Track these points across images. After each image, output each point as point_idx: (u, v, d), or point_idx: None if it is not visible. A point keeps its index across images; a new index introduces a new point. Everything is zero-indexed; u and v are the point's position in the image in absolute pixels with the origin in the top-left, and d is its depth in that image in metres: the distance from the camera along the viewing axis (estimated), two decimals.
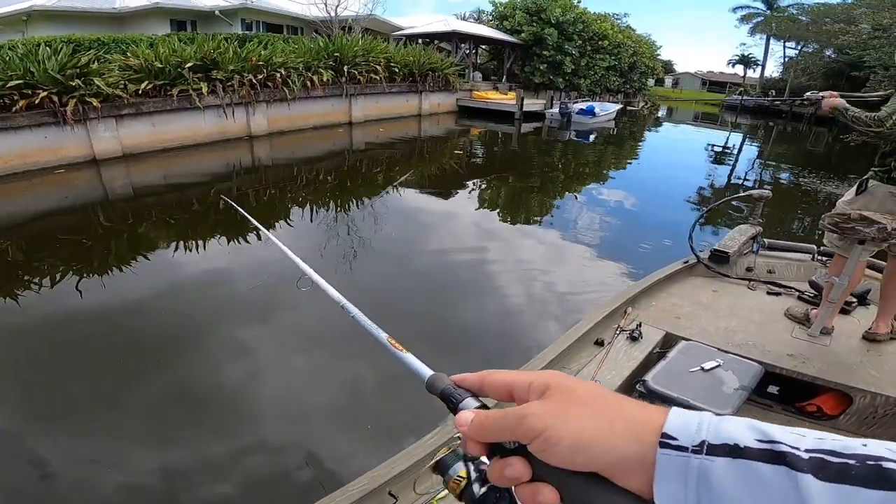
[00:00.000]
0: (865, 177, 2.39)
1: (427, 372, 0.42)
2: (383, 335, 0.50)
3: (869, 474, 0.23)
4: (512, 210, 7.43)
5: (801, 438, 0.26)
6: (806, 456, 0.25)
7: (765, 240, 3.32)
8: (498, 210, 7.37)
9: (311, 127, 11.45)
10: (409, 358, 0.45)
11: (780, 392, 2.20)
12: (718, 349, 2.09)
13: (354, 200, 7.35)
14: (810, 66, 31.06)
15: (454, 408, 0.38)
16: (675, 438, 0.28)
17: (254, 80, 9.60)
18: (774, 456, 0.25)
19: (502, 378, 0.37)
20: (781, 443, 0.26)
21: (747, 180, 12.45)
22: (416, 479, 1.35)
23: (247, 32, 15.23)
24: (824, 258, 3.15)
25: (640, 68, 30.00)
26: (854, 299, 2.67)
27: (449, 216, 6.86)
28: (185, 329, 3.56)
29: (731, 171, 13.56)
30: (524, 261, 5.27)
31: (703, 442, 0.27)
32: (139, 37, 10.90)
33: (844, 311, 2.60)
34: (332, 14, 16.84)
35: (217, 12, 16.22)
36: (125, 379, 2.92)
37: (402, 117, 14.38)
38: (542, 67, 21.75)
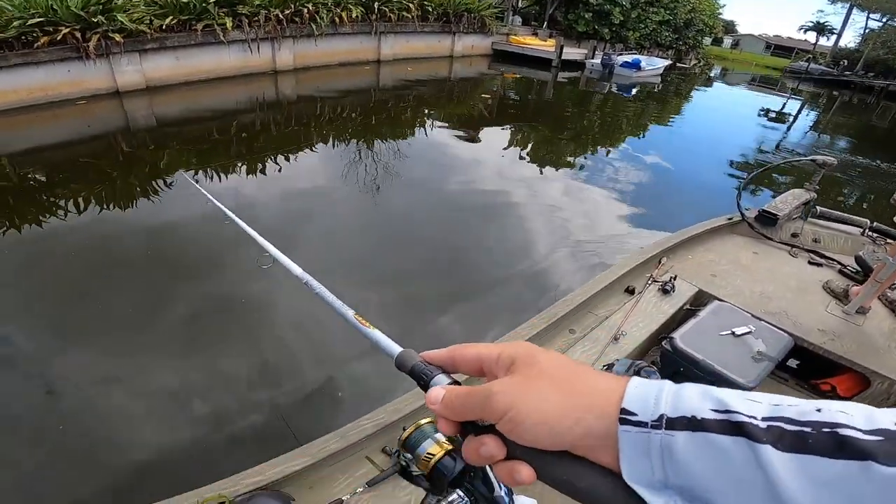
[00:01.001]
0: None
1: (396, 348, 0.41)
2: (350, 312, 0.48)
3: (827, 442, 0.24)
4: (541, 158, 7.17)
5: (755, 405, 0.26)
6: (763, 425, 0.25)
7: (818, 208, 3.14)
8: (527, 157, 7.13)
9: (338, 63, 11.14)
10: (377, 334, 0.44)
11: (799, 366, 2.13)
12: (751, 314, 2.01)
13: (377, 137, 7.26)
14: (893, 39, 28.04)
15: (425, 385, 0.37)
16: (634, 414, 0.27)
17: (280, 16, 9.30)
18: (732, 427, 0.25)
19: (472, 352, 0.36)
20: (737, 412, 0.25)
21: (800, 147, 11.57)
22: (393, 436, 1.33)
23: None
24: (875, 235, 3.00)
25: (696, 25, 27.51)
26: None
27: (475, 160, 6.73)
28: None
29: (783, 137, 12.62)
30: (556, 209, 5.15)
31: (661, 416, 0.27)
32: None
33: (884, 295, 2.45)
34: None
35: None
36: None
37: (432, 58, 13.80)
38: (587, 16, 20.21)
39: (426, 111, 9.35)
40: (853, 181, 8.00)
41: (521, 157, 7.08)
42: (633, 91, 14.38)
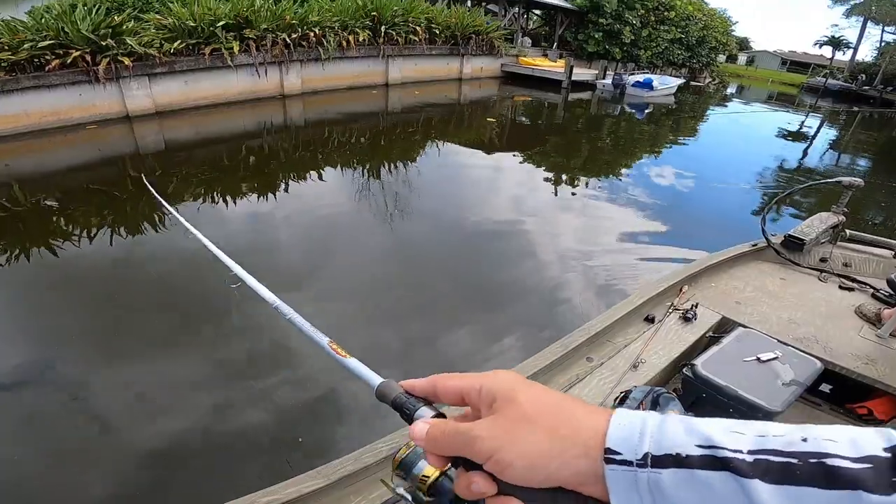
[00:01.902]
0: None
1: (376, 379, 0.39)
2: (324, 339, 0.46)
3: (815, 472, 0.23)
4: (554, 184, 6.90)
5: (740, 437, 0.26)
6: (750, 458, 0.25)
7: (847, 231, 3.06)
8: (539, 183, 6.90)
9: (346, 87, 11.14)
10: (354, 364, 0.42)
11: (833, 391, 2.08)
12: (778, 340, 1.94)
13: (385, 163, 7.13)
14: None
15: (409, 418, 0.36)
16: (618, 453, 0.27)
17: (287, 40, 9.35)
18: (717, 462, 0.25)
19: (454, 384, 0.35)
20: (722, 447, 0.25)
21: (821, 166, 11.14)
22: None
23: None
24: None
25: (709, 43, 27.27)
26: None
27: (489, 180, 6.63)
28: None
29: (803, 156, 12.21)
30: (570, 235, 5.05)
31: (646, 455, 0.26)
32: None
33: None
34: None
35: None
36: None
37: (441, 80, 13.77)
38: (596, 36, 20.18)
39: (435, 135, 9.21)
40: (881, 202, 7.53)
41: (533, 183, 6.84)
42: (647, 111, 14.11)
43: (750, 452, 0.25)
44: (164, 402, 2.36)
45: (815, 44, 44.46)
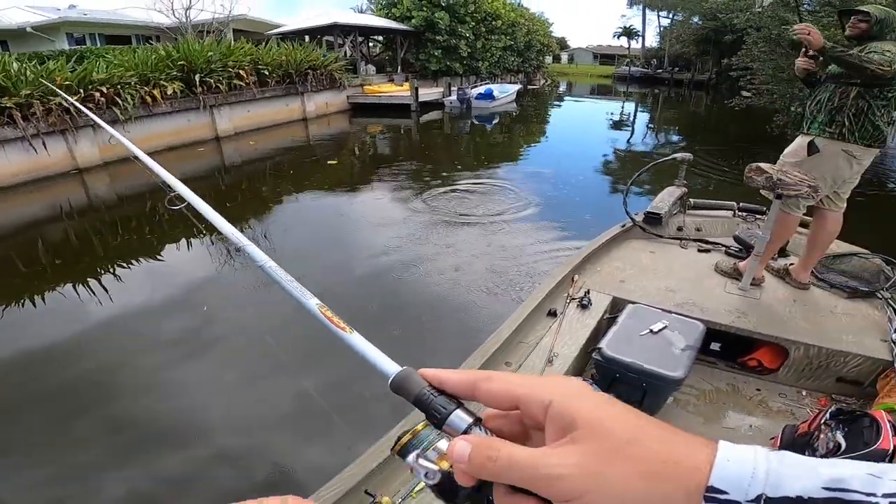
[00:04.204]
0: (810, 138, 2.35)
1: (391, 367, 0.33)
2: (311, 300, 0.39)
3: None
4: (422, 205, 6.56)
5: (877, 481, 0.22)
6: (884, 502, 0.22)
7: (691, 200, 3.42)
8: (407, 207, 6.52)
9: (165, 147, 9.60)
10: (359, 342, 0.36)
11: (722, 348, 2.27)
12: (663, 310, 2.15)
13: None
14: (682, 34, 32.71)
15: (438, 422, 0.30)
16: (723, 492, 0.23)
17: (64, 104, 7.67)
18: None
19: (505, 388, 0.29)
20: (853, 490, 0.22)
21: (646, 144, 12.65)
22: (390, 473, 1.32)
23: (77, 48, 12.73)
24: (744, 213, 3.32)
25: (535, 46, 30.11)
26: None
27: (355, 222, 6.25)
28: None
29: (630, 138, 13.87)
30: (470, 250, 5.05)
31: (759, 496, 0.23)
32: None
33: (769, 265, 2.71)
34: (183, 19, 14.62)
35: (29, 29, 13.44)
36: None
37: (283, 123, 12.74)
38: (436, 53, 20.86)
39: (289, 183, 8.27)
40: (700, 169, 8.56)
41: (403, 210, 6.41)
42: (494, 122, 14.73)
43: (885, 496, 0.22)
44: None
45: (614, 35, 50.91)
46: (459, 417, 0.29)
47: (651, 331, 1.96)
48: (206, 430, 2.72)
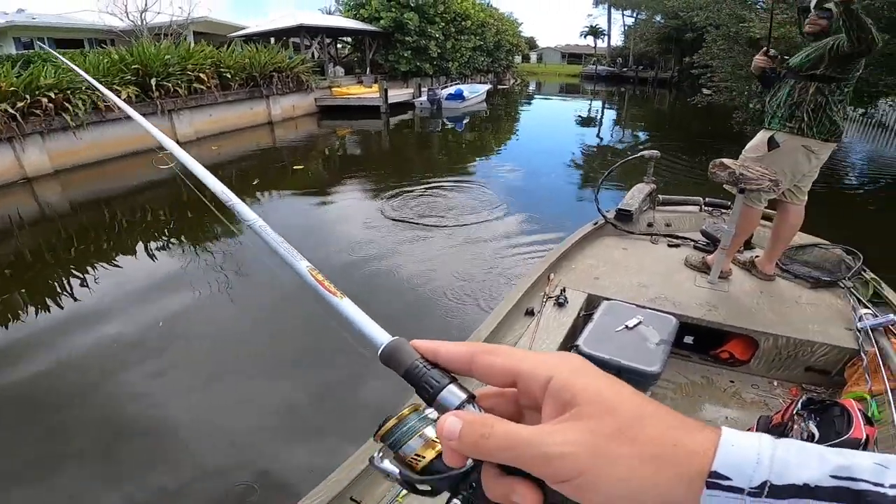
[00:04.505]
0: (770, 133, 2.37)
1: (382, 336, 0.32)
2: (301, 263, 0.38)
3: None
4: (395, 207, 6.43)
5: (884, 471, 0.22)
6: (892, 493, 0.21)
7: (659, 196, 3.49)
8: (379, 208, 6.39)
9: (121, 155, 9.16)
10: (349, 307, 0.34)
11: (696, 341, 2.28)
12: (637, 305, 2.17)
13: (203, 233, 5.91)
14: (646, 33, 33.59)
15: (429, 397, 0.28)
16: (727, 478, 0.22)
17: (11, 110, 7.21)
18: (852, 495, 0.21)
19: (503, 362, 0.28)
20: (861, 479, 0.22)
21: (613, 141, 12.88)
22: (375, 478, 1.30)
23: (25, 52, 12.02)
24: (710, 208, 3.40)
25: (505, 46, 30.34)
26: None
27: (329, 229, 6.05)
28: None
29: (598, 136, 14.11)
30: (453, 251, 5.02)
31: (764, 483, 0.22)
32: None
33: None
34: (139, 22, 14.02)
35: None
36: None
37: (248, 128, 12.35)
38: (406, 54, 20.71)
39: (253, 188, 7.97)
40: (669, 166, 8.75)
41: (368, 213, 6.28)
42: (465, 122, 14.71)
43: (893, 486, 0.21)
44: None
45: (581, 34, 51.58)
46: (452, 393, 0.28)
47: (626, 326, 1.98)
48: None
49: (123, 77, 9.16)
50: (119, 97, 8.80)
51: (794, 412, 1.68)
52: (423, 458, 0.33)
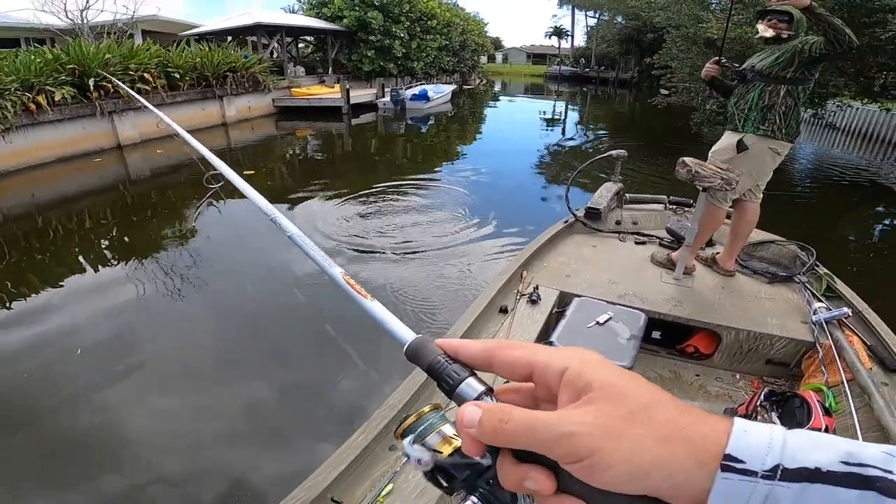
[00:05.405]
0: (739, 136, 2.38)
1: (407, 334, 0.34)
2: (336, 270, 0.42)
3: None
4: (366, 211, 6.20)
5: (892, 459, 0.22)
6: None
7: (626, 195, 3.54)
8: (347, 214, 6.14)
9: (56, 159, 8.45)
10: (378, 309, 0.37)
11: (663, 336, 2.35)
12: (607, 302, 2.23)
13: (153, 240, 5.55)
14: (607, 34, 34.29)
15: (449, 390, 0.30)
16: (740, 461, 0.23)
17: None
18: (862, 481, 0.22)
19: (520, 355, 0.29)
20: (871, 465, 0.22)
21: (577, 140, 12.98)
22: (356, 479, 1.33)
23: None
24: (675, 206, 3.47)
25: (471, 46, 30.23)
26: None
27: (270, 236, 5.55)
28: None
29: (563, 132, 14.23)
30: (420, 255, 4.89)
31: (776, 466, 0.23)
32: None
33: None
34: (78, 20, 13.09)
35: None
36: None
37: (200, 129, 11.70)
38: (369, 54, 20.29)
39: (194, 196, 7.47)
40: (632, 166, 8.82)
41: (327, 217, 5.98)
42: (429, 123, 14.49)
43: None
44: None
45: (545, 35, 52.22)
46: (470, 386, 0.29)
47: (598, 322, 2.04)
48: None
49: (58, 77, 8.46)
50: (53, 98, 8.15)
51: (758, 404, 1.72)
52: (441, 452, 0.34)
